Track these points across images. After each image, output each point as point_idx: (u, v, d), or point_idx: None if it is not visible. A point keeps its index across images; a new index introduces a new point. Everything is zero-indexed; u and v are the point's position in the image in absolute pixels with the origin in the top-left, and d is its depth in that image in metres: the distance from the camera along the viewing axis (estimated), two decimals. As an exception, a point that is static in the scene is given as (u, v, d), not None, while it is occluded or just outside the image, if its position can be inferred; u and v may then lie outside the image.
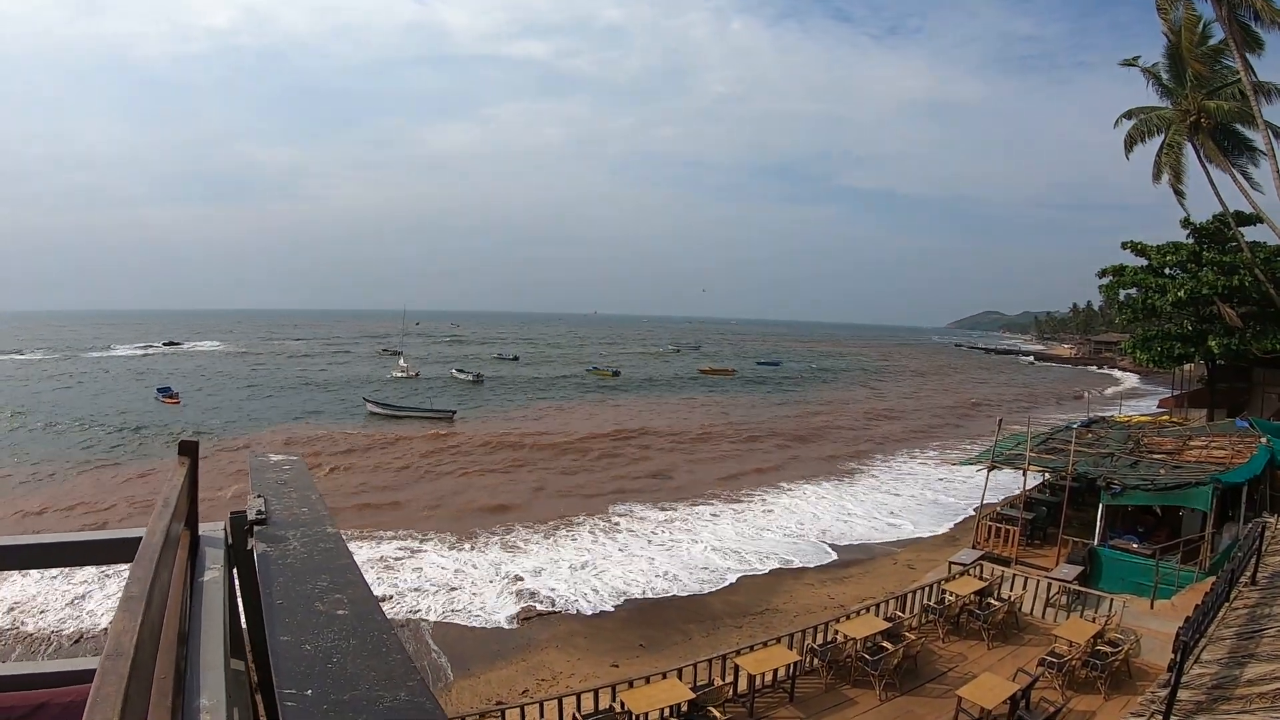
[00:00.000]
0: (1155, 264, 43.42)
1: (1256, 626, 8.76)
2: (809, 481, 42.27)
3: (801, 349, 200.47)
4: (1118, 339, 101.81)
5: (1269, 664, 7.60)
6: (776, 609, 24.36)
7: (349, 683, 1.47)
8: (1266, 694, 6.86)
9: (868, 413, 74.02)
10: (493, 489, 39.14)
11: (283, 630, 1.70)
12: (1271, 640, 8.24)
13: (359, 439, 52.56)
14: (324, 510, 2.66)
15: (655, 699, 14.54)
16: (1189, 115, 35.20)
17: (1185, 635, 7.35)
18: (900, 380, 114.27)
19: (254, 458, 3.41)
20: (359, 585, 2.00)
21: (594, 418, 64.67)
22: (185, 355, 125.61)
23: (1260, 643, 8.27)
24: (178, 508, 2.26)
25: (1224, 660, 8.02)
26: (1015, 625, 19.91)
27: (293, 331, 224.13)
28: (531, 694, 18.21)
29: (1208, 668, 7.93)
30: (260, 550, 2.26)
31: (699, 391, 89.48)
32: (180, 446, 2.72)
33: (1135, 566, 21.57)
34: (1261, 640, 8.33)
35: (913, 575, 26.13)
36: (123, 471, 41.92)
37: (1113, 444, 28.37)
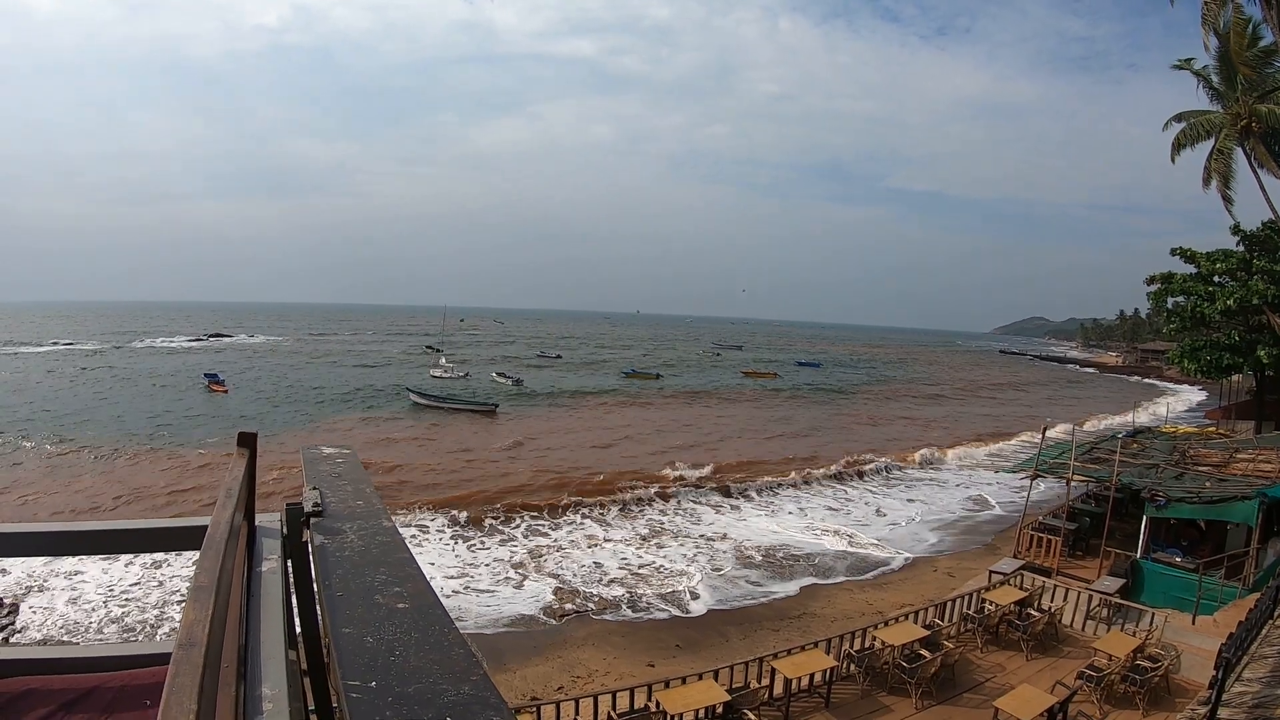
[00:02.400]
0: (1204, 271, 42.85)
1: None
2: (846, 485, 42.30)
3: (844, 352, 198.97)
4: (1165, 348, 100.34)
5: (1311, 685, 7.55)
6: (814, 613, 24.30)
7: (412, 675, 1.50)
8: (1308, 716, 6.83)
9: (909, 416, 73.61)
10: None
11: (344, 622, 1.73)
12: (1315, 661, 8.17)
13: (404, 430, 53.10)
14: (379, 503, 2.69)
15: (691, 700, 14.59)
16: (1240, 119, 34.74)
17: (1228, 652, 7.34)
18: (945, 385, 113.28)
19: (307, 450, 3.45)
20: (418, 579, 2.02)
21: (633, 422, 64.57)
22: (233, 348, 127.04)
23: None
24: (239, 498, 2.33)
25: (1266, 679, 7.97)
26: (1055, 637, 19.74)
27: (338, 325, 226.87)
28: (567, 691, 18.27)
29: (1249, 686, 7.89)
30: (318, 542, 2.30)
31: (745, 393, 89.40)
32: (239, 438, 2.76)
33: (1178, 581, 21.34)
34: (1305, 661, 8.25)
35: (952, 584, 25.97)
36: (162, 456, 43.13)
37: (1158, 455, 28.08)
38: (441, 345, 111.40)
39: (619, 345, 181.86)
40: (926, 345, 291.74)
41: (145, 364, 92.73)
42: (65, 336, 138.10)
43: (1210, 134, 37.24)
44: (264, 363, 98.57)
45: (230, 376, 77.74)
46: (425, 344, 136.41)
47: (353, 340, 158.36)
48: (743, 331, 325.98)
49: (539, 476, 40.97)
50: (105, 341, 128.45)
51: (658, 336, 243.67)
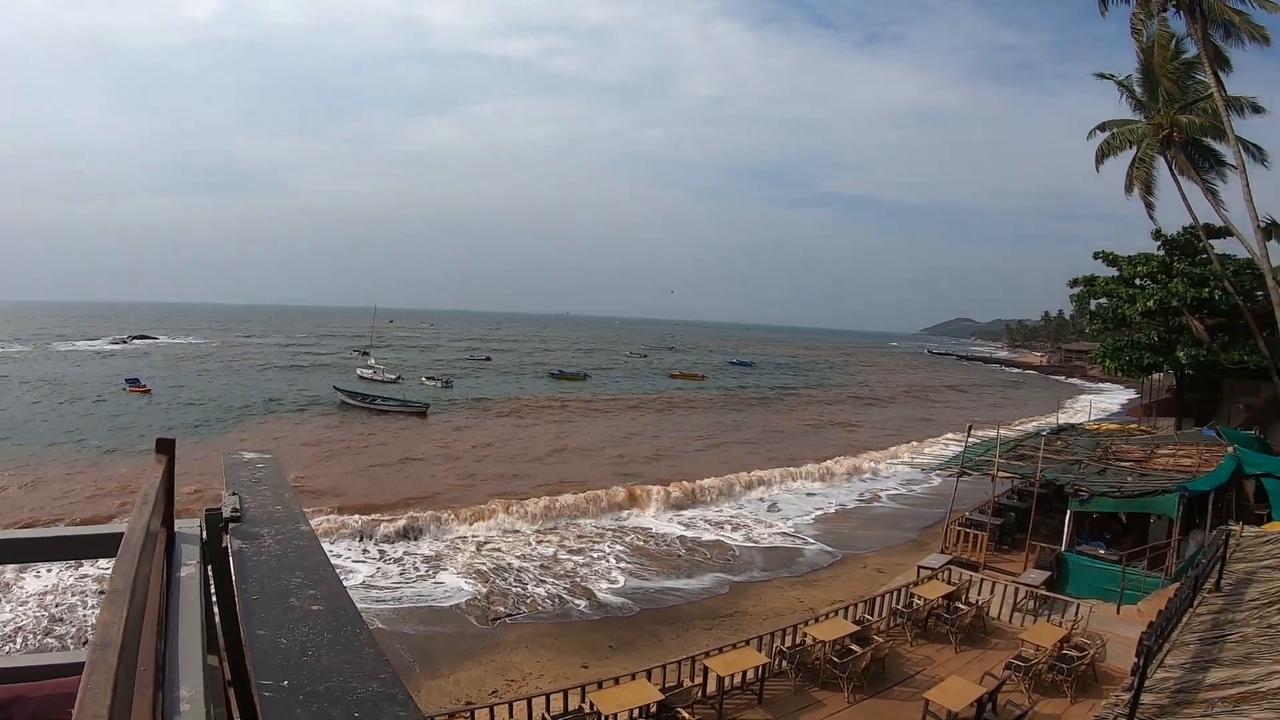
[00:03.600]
0: (1126, 274, 43.90)
1: (1220, 632, 8.85)
2: (773, 481, 42.54)
3: (774, 352, 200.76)
4: (1088, 348, 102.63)
5: (1231, 669, 7.68)
6: (745, 612, 24.41)
7: (323, 675, 1.49)
8: (1229, 698, 6.93)
9: (837, 416, 74.49)
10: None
11: (259, 625, 1.72)
12: (1234, 646, 8.33)
13: (332, 432, 52.49)
14: (298, 508, 2.66)
15: (624, 700, 14.53)
16: (1161, 129, 35.55)
17: (1149, 640, 7.42)
18: (873, 384, 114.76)
19: (228, 456, 3.36)
20: (332, 582, 2.02)
21: (556, 425, 64.23)
22: (156, 350, 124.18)
23: (1223, 648, 8.35)
24: (156, 504, 2.28)
25: (1187, 665, 8.10)
26: (983, 629, 20.06)
27: (268, 326, 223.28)
28: (501, 694, 18.12)
29: (1171, 672, 8.00)
30: (235, 547, 2.28)
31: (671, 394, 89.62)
32: (158, 444, 2.72)
33: (1102, 572, 21.78)
34: (1224, 645, 8.40)
35: (881, 579, 26.20)
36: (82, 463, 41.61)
37: (1081, 451, 28.65)
38: (370, 347, 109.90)
39: (549, 346, 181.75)
40: (858, 346, 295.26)
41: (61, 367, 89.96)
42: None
43: (1133, 143, 38.06)
44: (189, 366, 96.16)
45: (152, 380, 75.73)
46: (354, 346, 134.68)
47: (282, 341, 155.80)
48: (674, 333, 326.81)
49: (464, 480, 40.74)
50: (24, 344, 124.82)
51: (587, 338, 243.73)
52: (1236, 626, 8.93)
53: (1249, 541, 12.67)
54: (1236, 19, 29.35)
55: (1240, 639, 8.49)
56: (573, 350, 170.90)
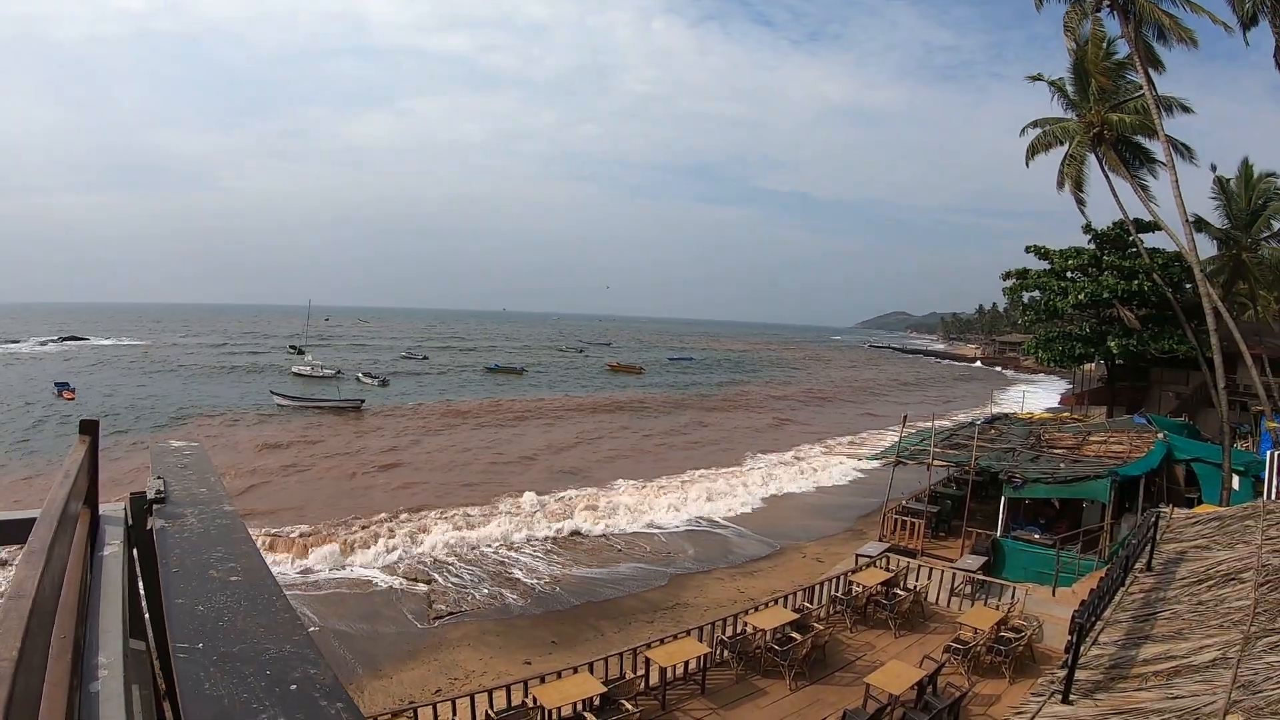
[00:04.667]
0: (1057, 267, 44.78)
1: (1151, 610, 8.99)
2: (715, 475, 42.69)
3: (714, 347, 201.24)
4: (1021, 340, 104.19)
5: (1162, 644, 7.81)
6: (687, 603, 24.45)
7: (238, 637, 1.52)
8: (1161, 672, 7.05)
9: (776, 409, 74.98)
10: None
11: (177, 594, 1.74)
12: (1165, 622, 8.47)
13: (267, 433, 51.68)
14: (222, 490, 2.67)
15: (567, 693, 14.46)
16: (1093, 127, 36.13)
17: (1080, 618, 7.53)
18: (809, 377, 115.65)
19: (155, 444, 3.45)
20: (253, 556, 2.03)
21: (490, 414, 64.44)
22: (88, 350, 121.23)
23: (1155, 625, 8.49)
24: (76, 484, 2.28)
25: (1120, 642, 8.22)
26: (921, 614, 20.23)
27: (201, 326, 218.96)
28: (444, 693, 17.96)
29: (1105, 649, 8.11)
30: (158, 526, 2.28)
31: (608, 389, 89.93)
32: (81, 425, 2.74)
33: (1037, 556, 22.17)
34: (1156, 622, 8.55)
35: (821, 568, 26.40)
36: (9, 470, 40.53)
37: (1014, 439, 29.14)
38: (306, 346, 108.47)
39: (486, 342, 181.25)
40: (798, 341, 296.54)
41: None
42: None
43: (1064, 140, 38.65)
44: (121, 367, 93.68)
45: (82, 382, 73.89)
46: (289, 344, 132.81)
47: (217, 341, 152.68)
48: (611, 328, 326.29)
49: (396, 481, 40.28)
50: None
51: (524, 334, 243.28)
52: (1168, 604, 9.09)
53: (1179, 523, 12.92)
54: (1167, 20, 29.94)
55: (1171, 615, 8.64)
56: (510, 347, 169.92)
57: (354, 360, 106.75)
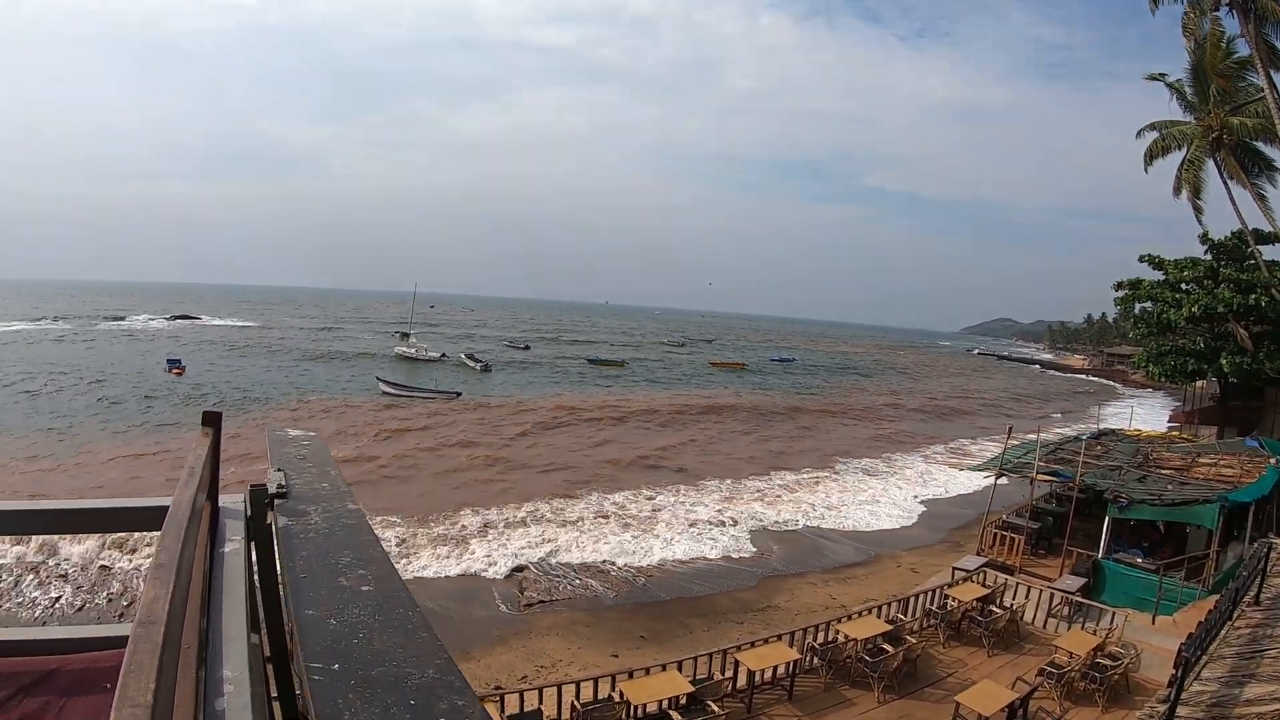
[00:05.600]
0: (1171, 279, 43.35)
1: (1258, 647, 8.80)
2: (817, 479, 42.36)
3: (818, 348, 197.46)
4: (1130, 352, 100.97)
5: (1269, 684, 7.65)
6: (778, 606, 24.39)
7: (376, 659, 1.48)
8: (1265, 715, 6.92)
9: (877, 412, 73.66)
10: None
11: (308, 604, 1.71)
12: (1272, 661, 8.29)
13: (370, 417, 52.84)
14: (344, 486, 2.67)
15: (654, 690, 14.60)
16: (1211, 131, 34.97)
17: (1187, 651, 7.41)
18: (914, 382, 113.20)
19: (272, 432, 3.40)
20: (382, 562, 2.01)
21: (591, 408, 64.28)
22: (199, 329, 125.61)
23: (1261, 663, 8.31)
24: (202, 478, 2.28)
25: (1224, 679, 8.07)
26: (1016, 634, 19.96)
27: (310, 309, 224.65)
28: (530, 680, 18.23)
29: (1208, 685, 7.98)
30: (281, 524, 2.27)
31: (710, 385, 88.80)
32: (204, 417, 2.73)
33: (1138, 581, 21.57)
34: (1262, 661, 8.37)
35: (915, 579, 26.10)
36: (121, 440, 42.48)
37: (1121, 457, 28.36)
38: (411, 330, 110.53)
39: (588, 335, 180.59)
40: (903, 345, 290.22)
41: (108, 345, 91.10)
42: (28, 315, 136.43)
43: (1182, 145, 37.47)
44: (230, 347, 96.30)
45: (193, 360, 76.58)
46: (395, 329, 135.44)
47: (324, 324, 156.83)
48: (713, 325, 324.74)
49: (495, 472, 40.38)
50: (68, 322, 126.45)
51: (626, 327, 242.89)
52: (1276, 641, 8.89)
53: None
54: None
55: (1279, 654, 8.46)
56: (611, 339, 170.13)
57: (457, 347, 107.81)
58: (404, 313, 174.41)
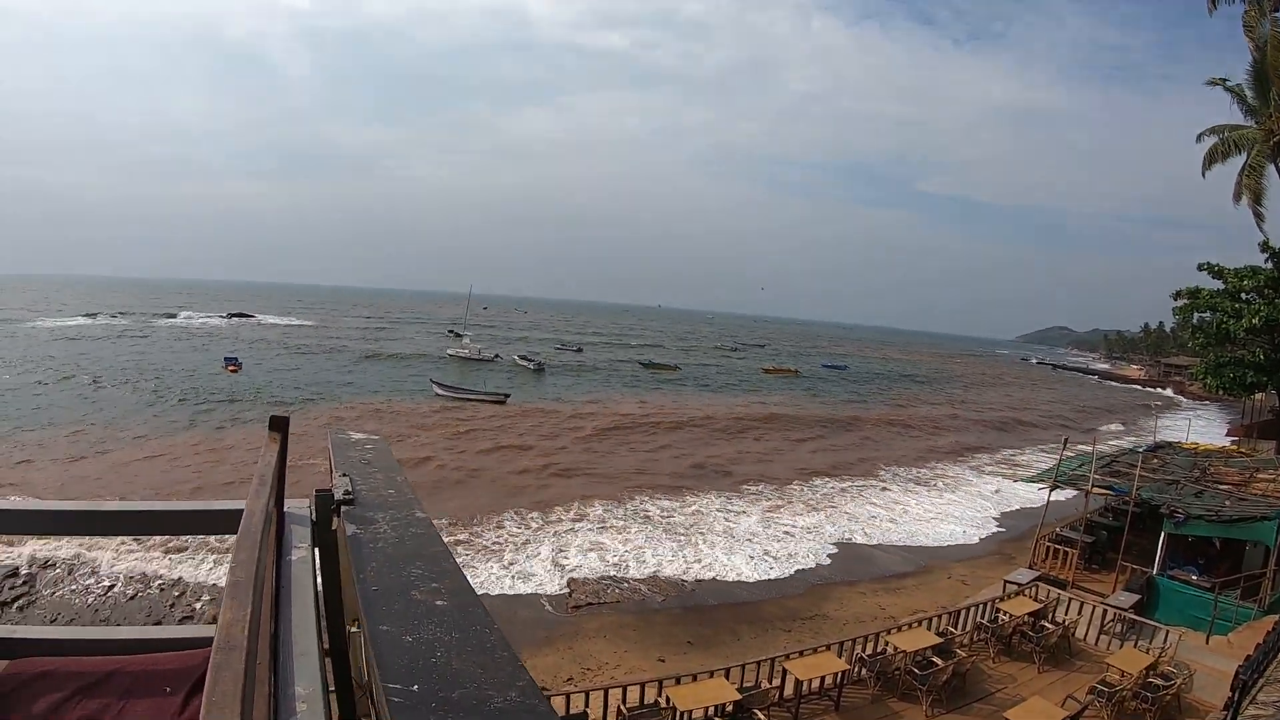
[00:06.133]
0: (1231, 288, 42.53)
1: (1317, 672, 8.68)
2: (870, 487, 42.12)
3: (872, 355, 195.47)
4: (1188, 363, 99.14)
5: (1328, 712, 7.55)
6: (826, 615, 24.28)
7: (455, 680, 1.43)
8: (1323, 743, 6.85)
9: (933, 421, 72.70)
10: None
11: (381, 619, 1.66)
12: (1332, 687, 8.17)
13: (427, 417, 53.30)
14: (411, 492, 2.62)
15: (701, 697, 14.64)
16: (1273, 135, 34.33)
17: (1245, 674, 7.35)
18: (969, 391, 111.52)
19: (335, 435, 3.34)
20: (456, 574, 1.96)
21: (643, 412, 64.02)
22: (254, 327, 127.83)
23: (1319, 689, 8.20)
24: (271, 486, 2.27)
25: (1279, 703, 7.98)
26: (1068, 650, 19.74)
27: (361, 309, 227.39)
28: (576, 682, 18.31)
29: (1263, 710, 7.90)
30: (350, 532, 2.23)
31: (762, 390, 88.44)
32: (271, 422, 2.68)
33: (1193, 599, 21.24)
34: (1321, 687, 8.25)
35: (966, 591, 25.92)
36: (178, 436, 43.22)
37: (1178, 471, 27.95)
38: (464, 330, 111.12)
39: (640, 338, 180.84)
40: (958, 353, 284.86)
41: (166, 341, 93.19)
42: (87, 310, 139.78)
43: (1242, 149, 36.83)
44: (286, 345, 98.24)
45: (250, 357, 78.29)
46: (449, 330, 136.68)
47: (378, 324, 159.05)
48: (764, 329, 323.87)
49: (545, 478, 40.18)
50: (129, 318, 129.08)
51: (679, 330, 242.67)
52: (1335, 668, 8.76)
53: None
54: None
55: (1339, 681, 8.33)
56: (665, 342, 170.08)
57: (510, 349, 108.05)
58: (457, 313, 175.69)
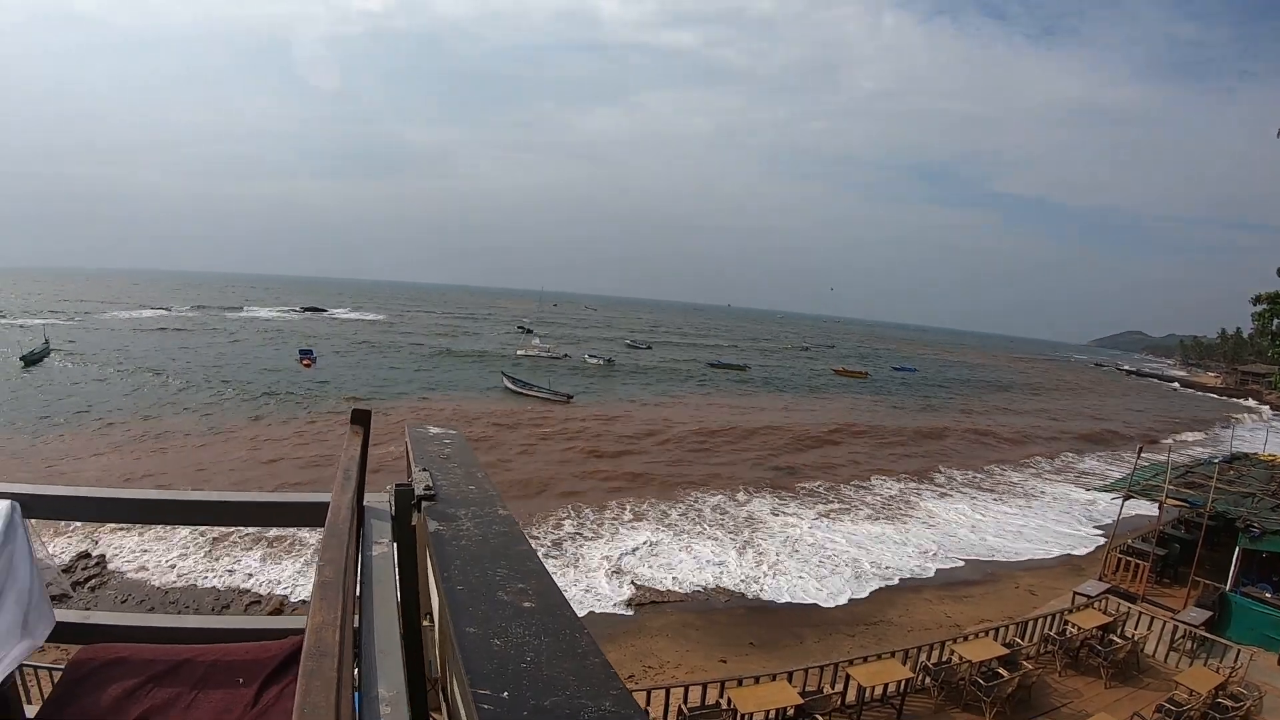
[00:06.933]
0: (1313, 293, 41.48)
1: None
2: (936, 493, 41.73)
3: (939, 356, 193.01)
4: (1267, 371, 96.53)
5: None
6: (891, 622, 24.20)
7: (548, 687, 1.40)
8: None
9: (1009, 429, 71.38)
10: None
11: (468, 621, 1.63)
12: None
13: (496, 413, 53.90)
14: (492, 489, 2.58)
15: (763, 700, 14.73)
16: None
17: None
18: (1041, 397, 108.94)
19: (413, 429, 3.31)
20: (542, 575, 1.92)
21: (712, 413, 63.31)
22: (328, 322, 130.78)
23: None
24: (356, 480, 2.30)
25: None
26: (1136, 666, 19.50)
27: (432, 304, 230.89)
28: (637, 680, 18.48)
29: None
30: (432, 528, 2.19)
31: (831, 389, 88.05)
32: (353, 415, 2.71)
33: (1267, 618, 20.83)
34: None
35: (1033, 601, 25.67)
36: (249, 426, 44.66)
37: (1255, 483, 27.39)
38: (534, 327, 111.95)
39: (709, 337, 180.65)
40: (1028, 355, 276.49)
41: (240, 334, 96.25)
42: (161, 304, 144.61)
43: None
44: (358, 340, 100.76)
45: (323, 351, 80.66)
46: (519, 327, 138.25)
47: (449, 320, 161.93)
48: (834, 330, 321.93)
49: (614, 468, 40.93)
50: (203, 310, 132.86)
51: (748, 330, 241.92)
52: None
53: None
54: None
55: None
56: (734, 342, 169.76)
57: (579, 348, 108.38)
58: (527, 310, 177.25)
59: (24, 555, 2.35)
